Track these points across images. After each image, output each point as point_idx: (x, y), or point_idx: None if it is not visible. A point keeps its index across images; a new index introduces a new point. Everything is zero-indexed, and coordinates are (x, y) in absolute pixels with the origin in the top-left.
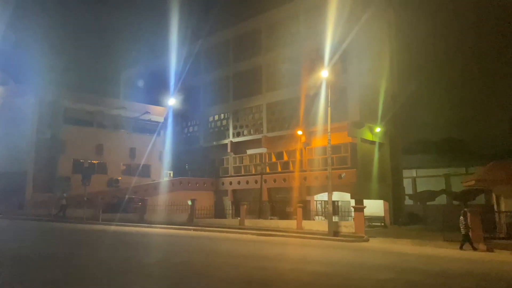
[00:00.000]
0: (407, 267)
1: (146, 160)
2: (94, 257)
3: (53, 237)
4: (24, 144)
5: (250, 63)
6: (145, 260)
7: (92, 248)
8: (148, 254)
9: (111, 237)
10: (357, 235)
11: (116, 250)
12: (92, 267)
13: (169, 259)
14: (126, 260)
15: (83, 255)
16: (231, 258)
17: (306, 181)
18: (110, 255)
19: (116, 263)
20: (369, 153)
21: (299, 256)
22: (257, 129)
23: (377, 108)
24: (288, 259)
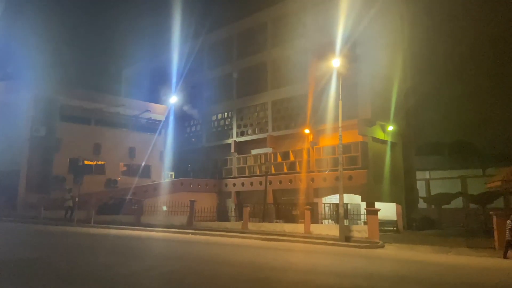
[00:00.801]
0: (437, 280)
1: (146, 160)
2: (69, 263)
3: (34, 241)
4: (17, 142)
5: (255, 59)
6: (128, 269)
7: (71, 253)
8: (134, 261)
9: (98, 241)
10: (371, 240)
11: (99, 255)
12: (62, 274)
13: (156, 268)
14: (105, 268)
15: (57, 260)
16: (229, 267)
17: (313, 182)
18: (89, 261)
19: (93, 270)
20: (380, 153)
21: (308, 265)
22: (262, 128)
23: (389, 106)
24: (295, 268)
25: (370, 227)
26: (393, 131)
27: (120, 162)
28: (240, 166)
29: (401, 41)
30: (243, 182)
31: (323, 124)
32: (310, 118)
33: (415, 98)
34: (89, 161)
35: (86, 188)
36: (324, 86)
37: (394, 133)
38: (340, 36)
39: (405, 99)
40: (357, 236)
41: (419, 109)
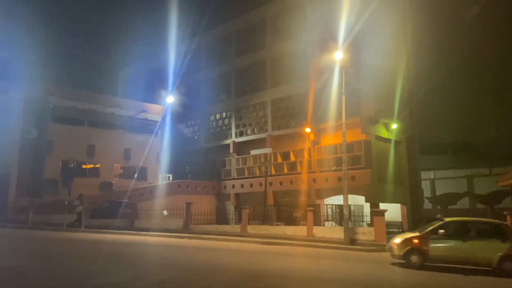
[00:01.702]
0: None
1: (142, 162)
2: (47, 272)
3: (14, 247)
4: (7, 144)
5: (253, 57)
6: (110, 279)
7: (52, 260)
8: (119, 270)
9: (86, 247)
10: (377, 243)
11: (82, 263)
12: (35, 285)
13: (143, 278)
14: (85, 278)
15: (34, 269)
16: (225, 275)
17: (315, 183)
18: (70, 270)
19: (72, 280)
20: (384, 152)
21: (312, 272)
22: (261, 128)
23: (393, 103)
24: (298, 276)
25: (377, 229)
26: (397, 130)
27: (115, 164)
28: (240, 167)
29: (405, 38)
30: (242, 183)
31: (324, 123)
32: (311, 117)
33: (420, 96)
34: (84, 163)
35: (80, 191)
36: (326, 83)
37: (398, 131)
38: (341, 31)
39: (409, 96)
40: (363, 238)
41: (423, 107)
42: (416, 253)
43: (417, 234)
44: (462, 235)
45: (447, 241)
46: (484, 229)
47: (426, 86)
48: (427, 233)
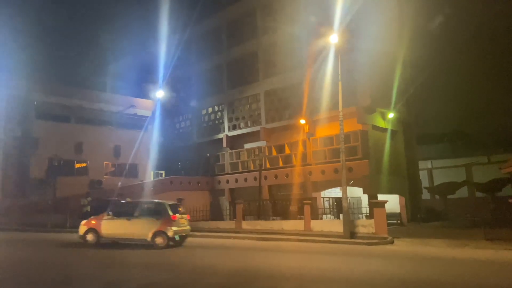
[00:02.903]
0: (478, 283)
1: (133, 158)
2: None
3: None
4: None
5: (245, 49)
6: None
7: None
8: (83, 276)
9: (59, 249)
10: (378, 236)
11: (41, 268)
12: None
13: (121, 283)
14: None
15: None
16: (215, 277)
17: (311, 175)
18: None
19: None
20: (381, 142)
21: (313, 270)
22: (254, 121)
23: (390, 92)
24: (298, 275)
25: (377, 221)
26: (394, 119)
27: (104, 162)
28: (233, 162)
29: (402, 26)
30: (236, 178)
31: (319, 114)
32: (306, 108)
33: (417, 84)
34: (71, 161)
35: (68, 190)
36: (320, 72)
37: (394, 120)
38: (335, 18)
39: (406, 85)
40: (363, 231)
41: (420, 96)
42: (92, 232)
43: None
44: (127, 215)
45: (115, 221)
46: (146, 208)
47: (424, 75)
48: (103, 214)
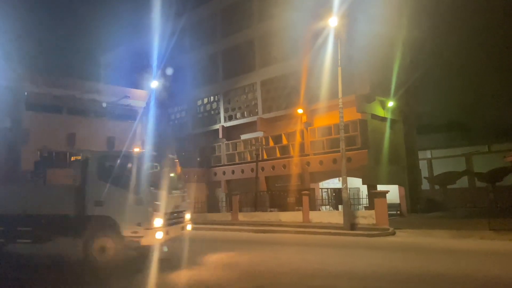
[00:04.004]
0: (495, 274)
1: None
2: None
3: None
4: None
5: (240, 37)
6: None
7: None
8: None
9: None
10: (379, 227)
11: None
12: None
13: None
14: None
15: None
16: (209, 271)
17: (309, 166)
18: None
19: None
20: (380, 131)
21: (315, 264)
22: (251, 111)
23: (389, 80)
24: (298, 269)
25: (378, 212)
26: (393, 108)
27: None
28: (230, 153)
29: (402, 12)
30: (233, 169)
31: (317, 103)
32: (303, 97)
33: (417, 73)
34: (63, 152)
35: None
36: (318, 59)
37: (394, 109)
38: (334, 2)
39: (405, 74)
40: (363, 222)
41: (420, 84)
42: None
43: None
44: None
45: None
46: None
47: (424, 63)
48: None
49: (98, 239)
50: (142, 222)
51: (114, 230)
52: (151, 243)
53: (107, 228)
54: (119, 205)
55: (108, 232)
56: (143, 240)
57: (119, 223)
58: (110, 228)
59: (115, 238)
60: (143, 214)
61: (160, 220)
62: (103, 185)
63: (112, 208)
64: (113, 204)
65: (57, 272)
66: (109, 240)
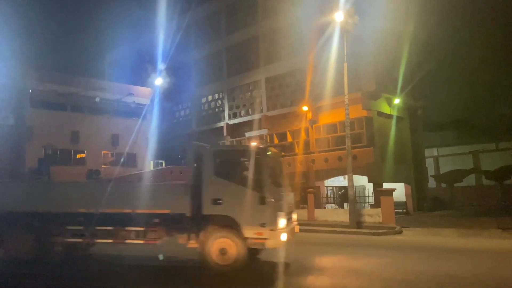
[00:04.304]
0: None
1: (131, 148)
2: None
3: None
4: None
5: (245, 34)
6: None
7: None
8: None
9: None
10: (386, 225)
11: None
12: None
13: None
14: None
15: None
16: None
17: (314, 164)
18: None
19: None
20: (386, 128)
21: (323, 263)
22: (255, 108)
23: (395, 77)
24: (303, 266)
25: (384, 210)
26: (400, 105)
27: (102, 151)
28: None
29: (408, 9)
30: None
31: (322, 100)
32: (308, 94)
33: (423, 69)
34: (68, 150)
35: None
36: (324, 56)
37: (400, 107)
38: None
39: (412, 70)
40: (369, 221)
41: (427, 81)
42: None
43: None
44: None
45: None
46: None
47: (431, 60)
48: None
49: (217, 241)
50: (266, 222)
51: (235, 231)
52: (276, 245)
53: (226, 229)
54: (240, 204)
55: (228, 233)
56: (268, 243)
57: (241, 223)
58: (230, 229)
59: (236, 240)
60: (268, 214)
61: (284, 220)
62: (220, 182)
63: (232, 207)
64: (233, 203)
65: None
66: (230, 242)
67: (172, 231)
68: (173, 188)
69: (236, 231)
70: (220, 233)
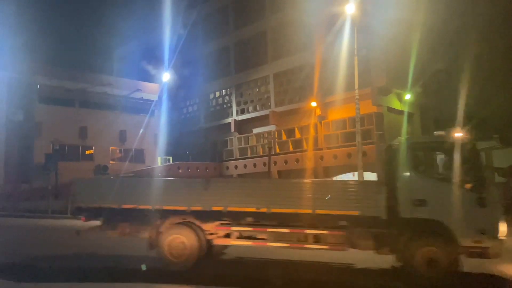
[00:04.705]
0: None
1: (139, 144)
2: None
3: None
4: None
5: (253, 29)
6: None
7: None
8: None
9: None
10: None
11: None
12: None
13: None
14: None
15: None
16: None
17: (322, 160)
18: None
19: None
20: (396, 125)
21: (337, 262)
22: (263, 104)
23: (406, 72)
24: (318, 267)
25: None
26: (411, 101)
27: (110, 147)
28: (242, 147)
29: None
30: (245, 164)
31: (331, 96)
32: (317, 90)
33: (435, 64)
34: (76, 146)
35: (74, 176)
36: (333, 51)
37: (411, 102)
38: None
39: (423, 65)
40: None
41: (439, 76)
42: None
43: None
44: None
45: None
46: None
47: (444, 53)
48: None
49: (422, 249)
50: (487, 229)
51: (446, 238)
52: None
53: (434, 234)
54: (451, 206)
55: (437, 240)
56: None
57: (453, 229)
58: (438, 235)
59: (447, 248)
60: (489, 219)
61: (505, 225)
62: (423, 180)
63: (440, 209)
64: (441, 205)
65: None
66: (437, 251)
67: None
68: (363, 187)
69: (448, 238)
70: (424, 240)
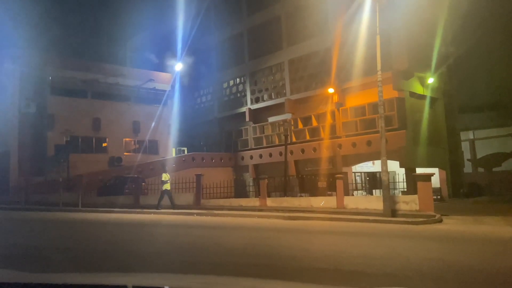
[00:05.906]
0: None
1: (152, 135)
2: None
3: None
4: (5, 120)
5: (266, 14)
6: None
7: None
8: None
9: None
10: (424, 213)
11: None
12: None
13: None
14: None
15: None
16: (231, 266)
17: (341, 149)
18: None
19: None
20: (419, 110)
21: (360, 259)
22: (278, 92)
23: (429, 55)
24: (343, 264)
25: (422, 197)
26: (434, 85)
27: (124, 138)
28: (257, 136)
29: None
30: (261, 153)
31: (349, 82)
32: (334, 76)
33: (459, 47)
34: (89, 137)
35: (86, 168)
36: (351, 34)
37: (434, 86)
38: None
39: (447, 48)
40: (405, 208)
41: (463, 59)
42: None
43: None
44: None
45: None
46: None
47: (469, 36)
48: None
49: None
50: None
51: None
52: None
53: None
54: None
55: None
56: None
57: None
58: None
59: None
60: None
61: None
62: None
63: None
64: None
65: None
66: None
67: None
68: None
69: None
70: None
